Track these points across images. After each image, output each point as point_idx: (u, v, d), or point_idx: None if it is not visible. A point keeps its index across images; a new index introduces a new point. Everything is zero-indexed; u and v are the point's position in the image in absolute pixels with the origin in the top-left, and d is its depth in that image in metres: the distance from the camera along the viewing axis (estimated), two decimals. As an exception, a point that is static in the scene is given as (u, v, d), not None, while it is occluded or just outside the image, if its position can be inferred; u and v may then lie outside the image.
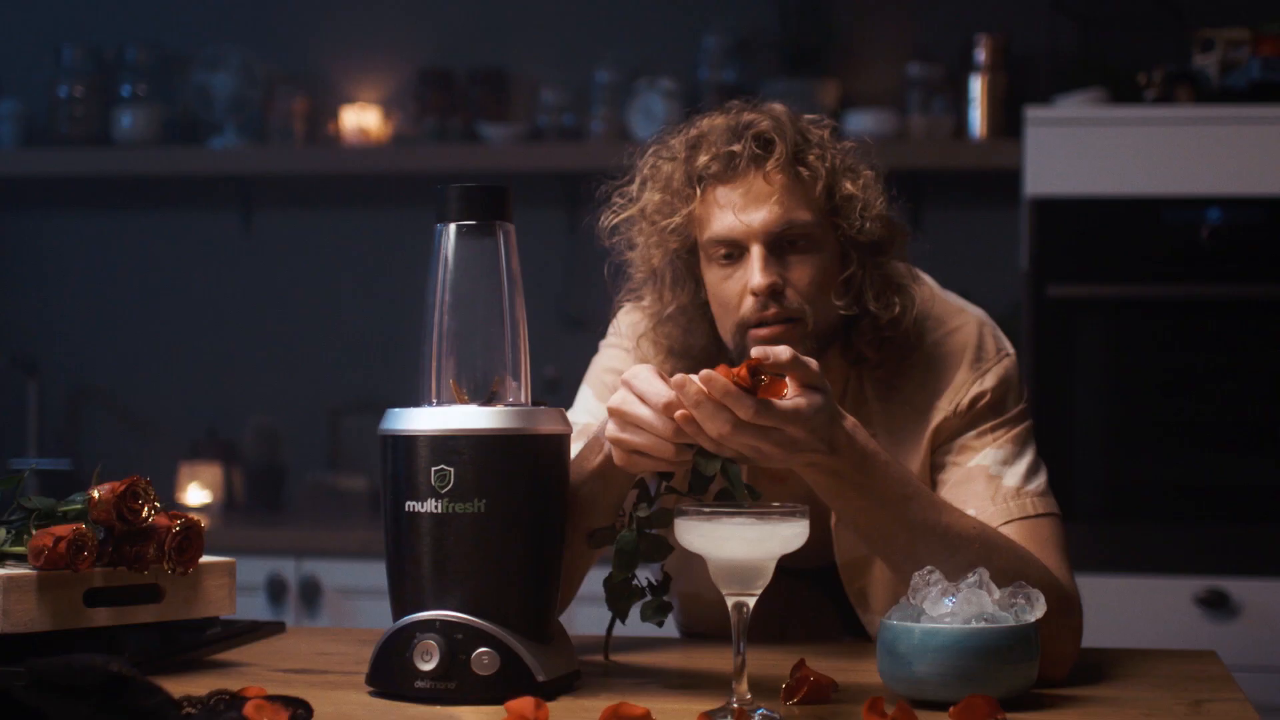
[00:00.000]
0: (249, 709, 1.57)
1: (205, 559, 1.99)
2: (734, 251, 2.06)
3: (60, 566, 1.85)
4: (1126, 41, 4.30)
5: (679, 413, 1.76)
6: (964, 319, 2.16)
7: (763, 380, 1.75)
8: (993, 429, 2.09)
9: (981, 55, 4.31)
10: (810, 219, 2.05)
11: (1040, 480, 2.09)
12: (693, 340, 2.14)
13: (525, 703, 1.64)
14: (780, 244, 2.04)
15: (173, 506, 4.48)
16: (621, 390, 1.83)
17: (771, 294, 2.03)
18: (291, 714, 1.58)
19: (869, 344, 2.11)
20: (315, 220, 4.81)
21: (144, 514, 1.90)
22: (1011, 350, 2.16)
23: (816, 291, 2.05)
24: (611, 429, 1.84)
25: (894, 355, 2.13)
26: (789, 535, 1.69)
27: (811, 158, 2.05)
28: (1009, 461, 2.07)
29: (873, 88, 4.51)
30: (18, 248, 4.94)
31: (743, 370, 1.74)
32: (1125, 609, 3.61)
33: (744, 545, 1.68)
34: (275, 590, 4.07)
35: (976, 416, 2.10)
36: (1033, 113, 3.79)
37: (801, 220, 2.04)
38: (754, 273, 2.03)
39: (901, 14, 4.54)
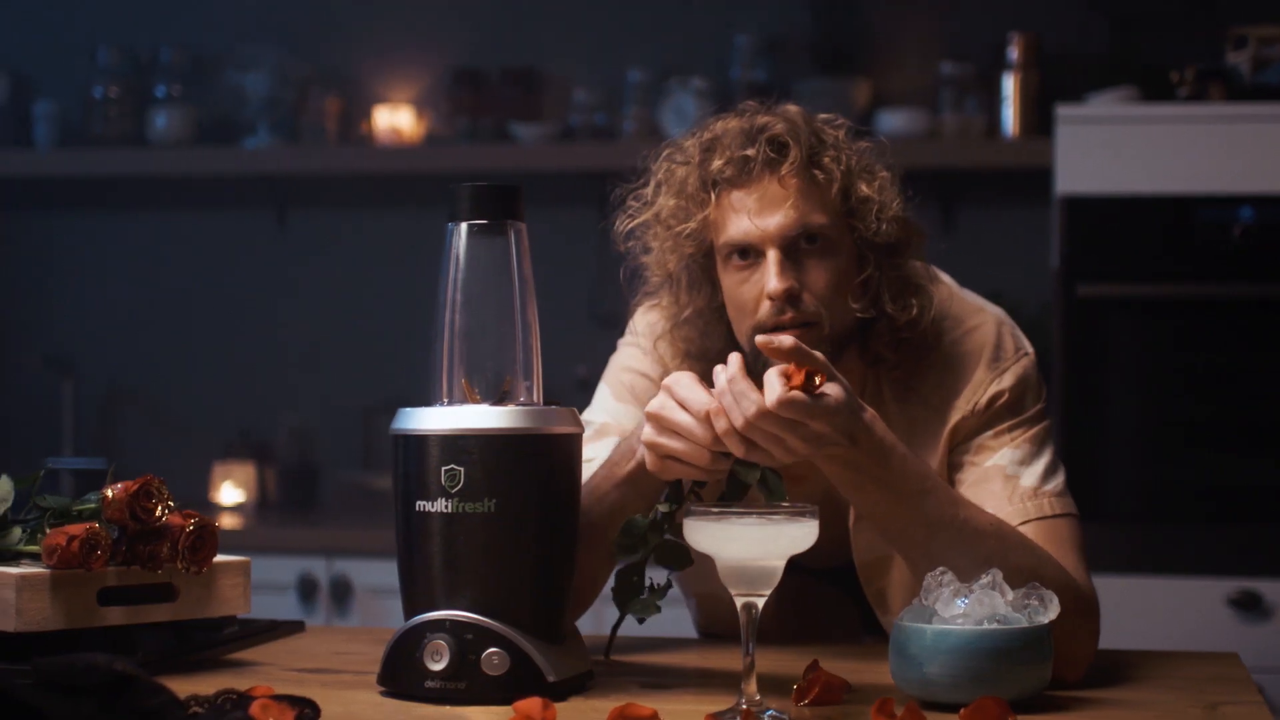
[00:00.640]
0: (255, 708, 1.57)
1: (220, 558, 1.99)
2: (750, 255, 2.05)
3: (73, 565, 1.85)
4: (1159, 39, 4.27)
5: (714, 407, 1.76)
6: (982, 318, 2.15)
7: (816, 385, 1.75)
8: (1010, 429, 2.08)
9: (1014, 53, 4.28)
10: (826, 222, 2.03)
11: (1058, 480, 2.07)
12: (709, 343, 2.13)
13: (533, 703, 1.64)
14: (796, 247, 2.03)
15: (203, 506, 4.53)
16: (661, 395, 1.83)
17: (788, 299, 2.01)
18: (298, 714, 1.58)
19: (886, 345, 2.09)
20: (348, 220, 4.82)
21: (157, 513, 1.90)
22: (1030, 349, 2.15)
23: (833, 295, 2.03)
24: (648, 433, 1.84)
25: (911, 356, 2.11)
26: (797, 535, 1.68)
27: (826, 160, 2.03)
28: (1026, 461, 2.06)
29: (905, 86, 4.49)
30: (53, 248, 4.96)
31: (801, 376, 1.75)
32: (1157, 610, 3.59)
33: (751, 545, 1.67)
34: (306, 589, 4.08)
35: (994, 416, 2.09)
36: (1064, 111, 3.77)
37: (817, 223, 2.03)
38: (770, 278, 2.01)
39: (933, 12, 4.52)
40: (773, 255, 2.02)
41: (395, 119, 4.66)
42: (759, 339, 1.78)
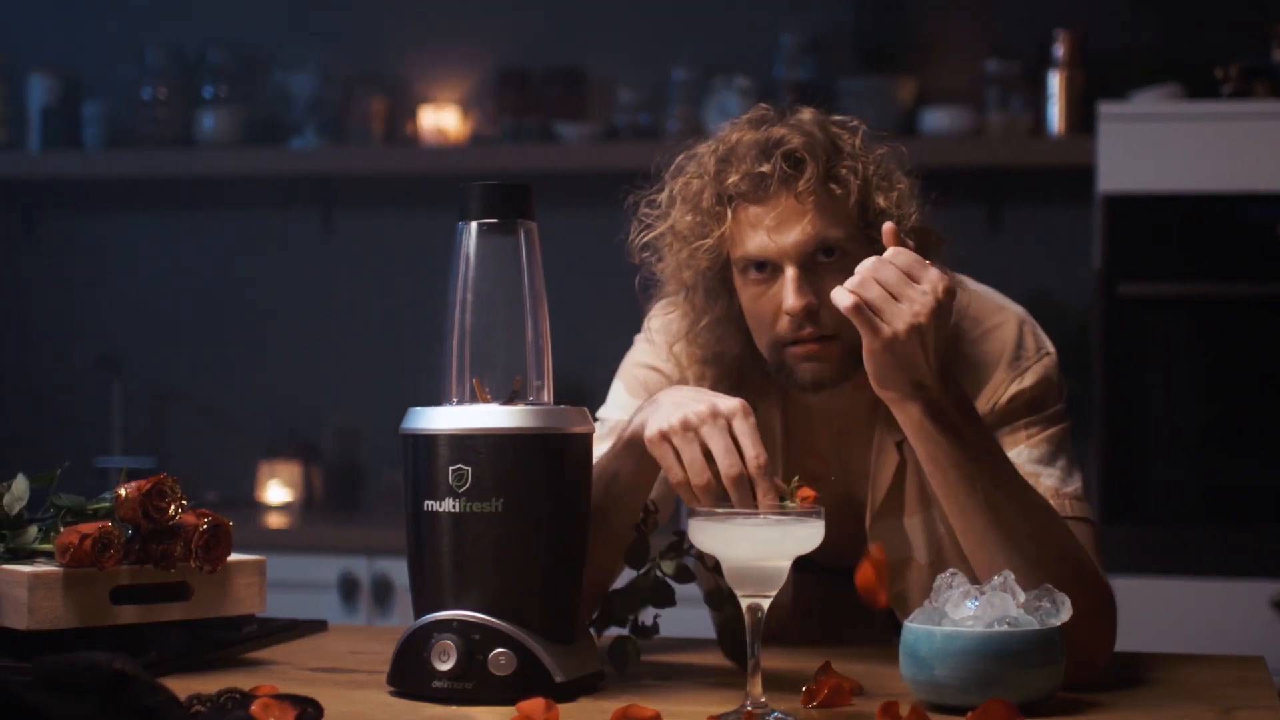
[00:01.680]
0: (256, 708, 1.57)
1: (235, 557, 2.00)
2: (768, 270, 2.03)
3: (86, 564, 1.86)
4: (1206, 36, 4.23)
5: (762, 461, 1.80)
6: (1003, 317, 2.12)
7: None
8: (1027, 425, 2.05)
9: (1060, 51, 4.25)
10: (843, 235, 2.00)
11: (1077, 484, 2.04)
12: (727, 348, 2.12)
13: (536, 704, 1.63)
14: (813, 261, 2.01)
15: (249, 505, 4.54)
16: (708, 408, 1.83)
17: (806, 314, 1.99)
18: (299, 713, 1.58)
19: None
20: (394, 220, 4.83)
21: (170, 512, 1.91)
22: (1052, 349, 2.12)
23: None
24: (671, 425, 1.83)
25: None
26: (803, 536, 1.67)
27: (843, 171, 2.00)
28: (1045, 461, 2.03)
29: (950, 85, 4.46)
30: (103, 248, 5.00)
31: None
32: (1198, 612, 3.55)
33: (756, 547, 1.66)
34: (347, 589, 4.09)
35: (1013, 413, 2.06)
36: (1106, 108, 3.74)
37: (834, 237, 2.00)
38: (788, 295, 1.99)
39: (979, 10, 4.49)
40: (790, 272, 1.99)
41: (440, 119, 4.67)
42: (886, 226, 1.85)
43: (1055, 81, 4.24)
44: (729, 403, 1.85)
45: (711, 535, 1.67)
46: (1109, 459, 3.64)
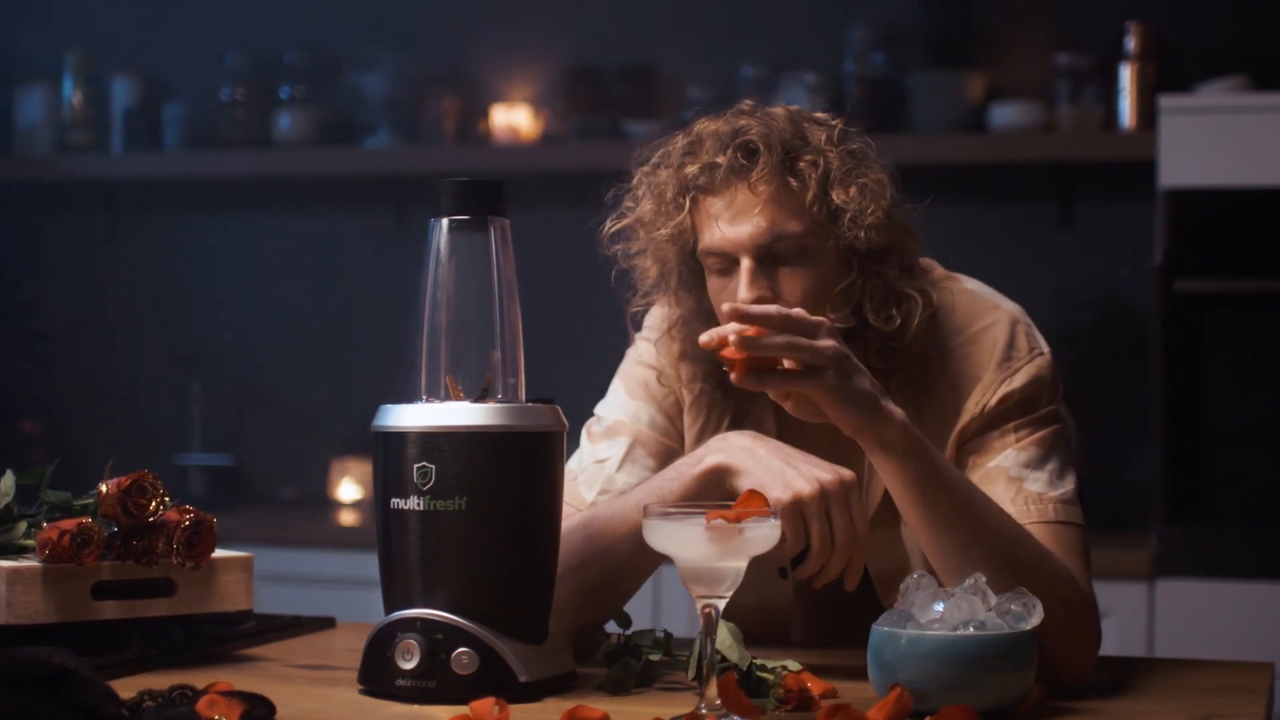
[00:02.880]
0: (202, 704, 1.57)
1: (221, 554, 2.00)
2: (727, 263, 2.00)
3: (65, 559, 1.87)
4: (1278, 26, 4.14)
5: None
6: (995, 316, 2.06)
7: None
8: (1016, 428, 2.00)
9: (1131, 43, 4.17)
10: (800, 230, 1.97)
11: (1067, 487, 1.98)
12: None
13: (485, 703, 1.62)
14: (770, 256, 1.97)
15: (323, 501, 4.57)
16: (847, 491, 1.88)
17: None
18: (247, 710, 1.58)
19: (876, 354, 2.01)
20: (468, 219, 4.84)
21: (150, 508, 1.92)
22: (1045, 349, 2.06)
23: (809, 305, 1.94)
24: (810, 490, 1.87)
25: (910, 362, 2.03)
26: (756, 537, 1.64)
27: (803, 165, 1.96)
28: (1033, 465, 1.98)
29: (1020, 79, 4.39)
30: (182, 248, 5.06)
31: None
32: (1261, 617, 3.47)
33: (709, 547, 1.63)
34: (408, 586, 4.09)
35: (1002, 415, 2.01)
36: (1167, 101, 3.67)
37: (791, 232, 1.96)
38: (741, 287, 1.96)
39: (1049, 3, 4.42)
40: (745, 264, 1.97)
41: (512, 118, 4.67)
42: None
43: (1126, 74, 4.15)
44: (849, 474, 1.89)
45: (664, 535, 1.65)
46: (1169, 459, 3.56)
